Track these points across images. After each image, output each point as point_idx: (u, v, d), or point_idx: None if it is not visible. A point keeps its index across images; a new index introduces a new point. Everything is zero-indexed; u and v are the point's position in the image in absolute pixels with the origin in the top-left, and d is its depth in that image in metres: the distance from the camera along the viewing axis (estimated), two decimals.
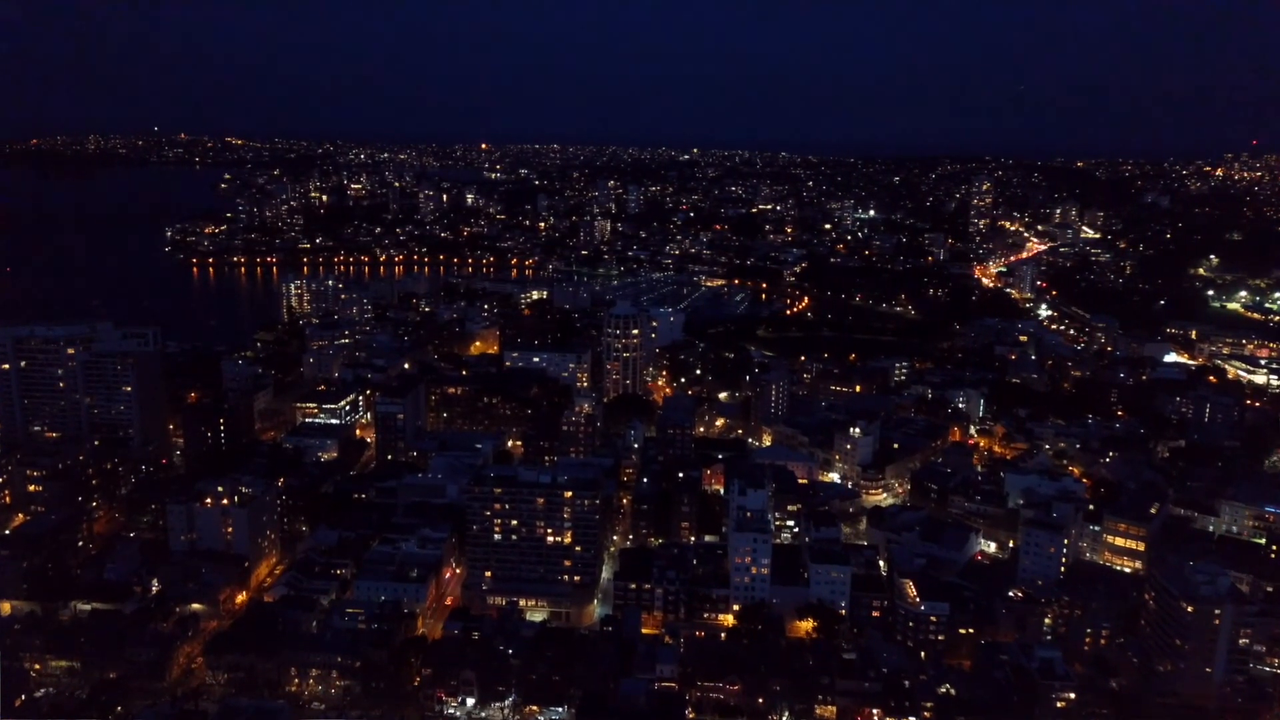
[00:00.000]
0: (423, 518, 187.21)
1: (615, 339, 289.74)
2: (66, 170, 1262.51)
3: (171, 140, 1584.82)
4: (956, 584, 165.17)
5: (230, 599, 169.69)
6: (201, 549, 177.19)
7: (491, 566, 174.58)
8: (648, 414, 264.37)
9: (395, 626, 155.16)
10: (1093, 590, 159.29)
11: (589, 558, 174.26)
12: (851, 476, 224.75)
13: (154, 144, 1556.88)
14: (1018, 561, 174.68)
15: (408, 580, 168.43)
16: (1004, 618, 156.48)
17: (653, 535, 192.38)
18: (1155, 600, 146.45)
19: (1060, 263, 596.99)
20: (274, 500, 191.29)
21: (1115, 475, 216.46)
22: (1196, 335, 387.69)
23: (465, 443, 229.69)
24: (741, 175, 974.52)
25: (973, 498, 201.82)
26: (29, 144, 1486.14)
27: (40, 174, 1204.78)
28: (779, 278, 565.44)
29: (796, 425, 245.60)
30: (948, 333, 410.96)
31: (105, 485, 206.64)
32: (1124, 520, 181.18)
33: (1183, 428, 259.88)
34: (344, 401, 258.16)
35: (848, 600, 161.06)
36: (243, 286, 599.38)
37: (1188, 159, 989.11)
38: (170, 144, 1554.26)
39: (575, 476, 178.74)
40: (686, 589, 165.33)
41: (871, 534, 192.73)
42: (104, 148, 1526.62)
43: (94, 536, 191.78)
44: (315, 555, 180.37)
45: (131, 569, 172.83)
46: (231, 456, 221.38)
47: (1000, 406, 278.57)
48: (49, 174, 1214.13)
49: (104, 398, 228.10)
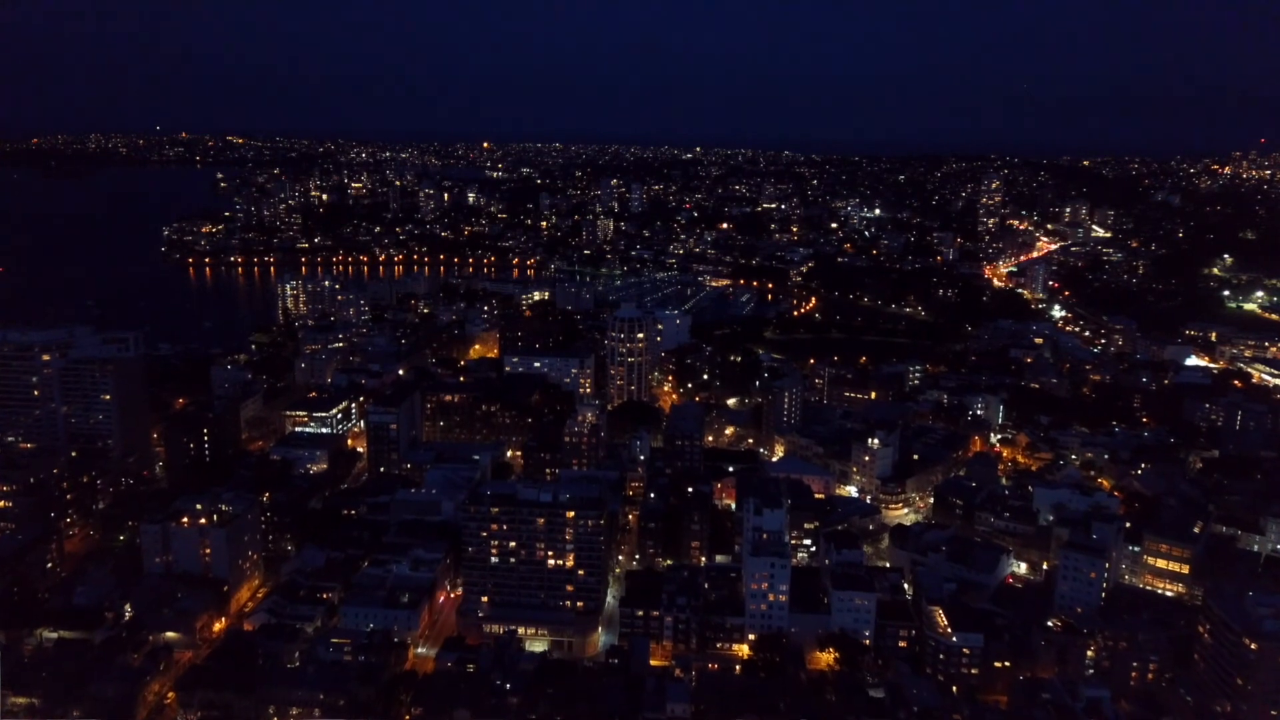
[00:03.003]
0: (416, 537, 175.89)
1: (620, 343, 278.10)
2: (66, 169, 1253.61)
3: (173, 139, 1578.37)
4: (989, 611, 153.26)
5: (207, 626, 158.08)
6: (178, 572, 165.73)
7: (488, 591, 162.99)
8: (654, 422, 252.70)
9: (384, 658, 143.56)
10: (1137, 619, 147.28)
11: (593, 582, 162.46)
12: (870, 490, 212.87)
13: (155, 143, 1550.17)
14: (1053, 585, 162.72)
15: (399, 606, 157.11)
16: (1043, 650, 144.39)
17: (661, 556, 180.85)
18: (1211, 634, 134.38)
19: (1072, 262, 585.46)
20: (257, 518, 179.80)
21: (1150, 489, 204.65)
22: (1216, 337, 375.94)
23: (462, 454, 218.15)
24: (745, 174, 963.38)
25: (1001, 514, 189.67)
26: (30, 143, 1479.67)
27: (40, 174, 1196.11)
28: (785, 278, 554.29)
29: (811, 435, 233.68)
30: (960, 335, 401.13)
31: (80, 500, 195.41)
32: (1166, 541, 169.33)
33: (1214, 436, 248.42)
34: (335, 410, 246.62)
35: (872, 629, 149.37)
36: (240, 287, 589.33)
37: (1195, 157, 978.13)
38: (171, 143, 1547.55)
39: (578, 494, 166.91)
40: (698, 617, 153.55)
41: (895, 554, 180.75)
42: (104, 147, 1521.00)
43: (65, 557, 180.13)
44: (300, 577, 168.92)
45: (103, 593, 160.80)
46: (216, 469, 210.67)
47: (1020, 413, 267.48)
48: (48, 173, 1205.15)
49: (82, 407, 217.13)
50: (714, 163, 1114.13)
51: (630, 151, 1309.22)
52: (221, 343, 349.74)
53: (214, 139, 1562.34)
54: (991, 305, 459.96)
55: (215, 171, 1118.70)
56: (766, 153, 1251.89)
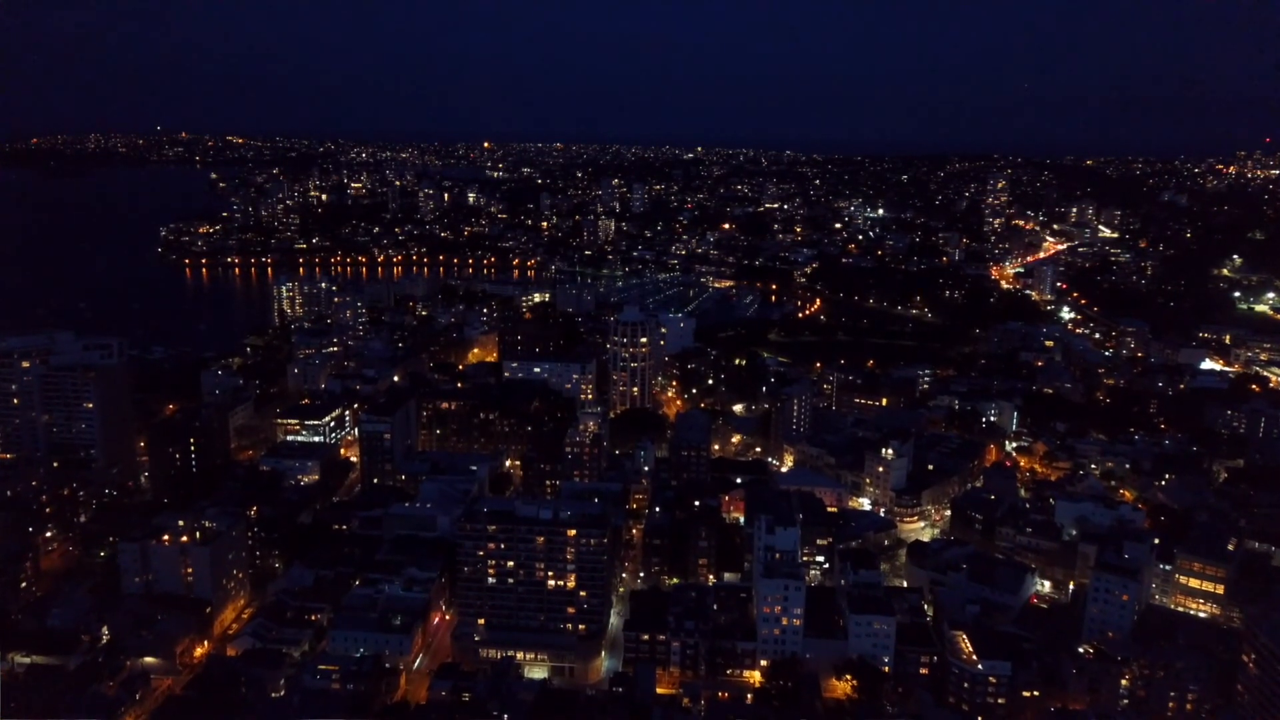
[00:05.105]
0: (410, 554, 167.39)
1: (622, 348, 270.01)
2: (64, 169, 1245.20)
3: (172, 139, 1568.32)
4: (1015, 635, 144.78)
5: (188, 651, 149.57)
6: (158, 592, 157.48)
7: (485, 613, 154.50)
8: (658, 430, 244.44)
9: (374, 687, 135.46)
10: (1173, 644, 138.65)
11: (595, 604, 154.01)
12: (884, 503, 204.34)
13: (154, 143, 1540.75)
14: (1080, 606, 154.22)
15: (391, 629, 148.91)
16: (1074, 679, 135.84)
17: (667, 574, 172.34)
18: (1256, 663, 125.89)
19: (1080, 263, 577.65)
20: (243, 535, 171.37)
21: (1176, 502, 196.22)
22: (1231, 340, 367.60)
23: (459, 465, 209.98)
24: (747, 174, 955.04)
25: (1023, 529, 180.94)
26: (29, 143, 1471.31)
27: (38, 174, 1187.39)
28: (789, 279, 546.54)
29: (822, 444, 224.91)
30: (968, 337, 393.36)
31: (61, 514, 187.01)
32: (1199, 559, 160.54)
33: (1237, 444, 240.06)
34: (328, 417, 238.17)
35: (892, 655, 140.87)
36: (237, 288, 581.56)
37: (1199, 157, 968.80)
38: (171, 143, 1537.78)
39: (579, 511, 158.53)
40: (707, 641, 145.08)
41: (913, 573, 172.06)
42: (104, 147, 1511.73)
43: (42, 574, 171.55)
44: (288, 597, 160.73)
45: (79, 615, 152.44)
46: (203, 480, 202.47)
47: (1034, 419, 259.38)
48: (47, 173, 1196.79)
49: (63, 415, 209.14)
50: (716, 162, 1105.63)
51: (631, 151, 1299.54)
52: (215, 345, 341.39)
53: (214, 139, 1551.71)
54: (999, 307, 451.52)
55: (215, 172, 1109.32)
56: (768, 152, 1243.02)
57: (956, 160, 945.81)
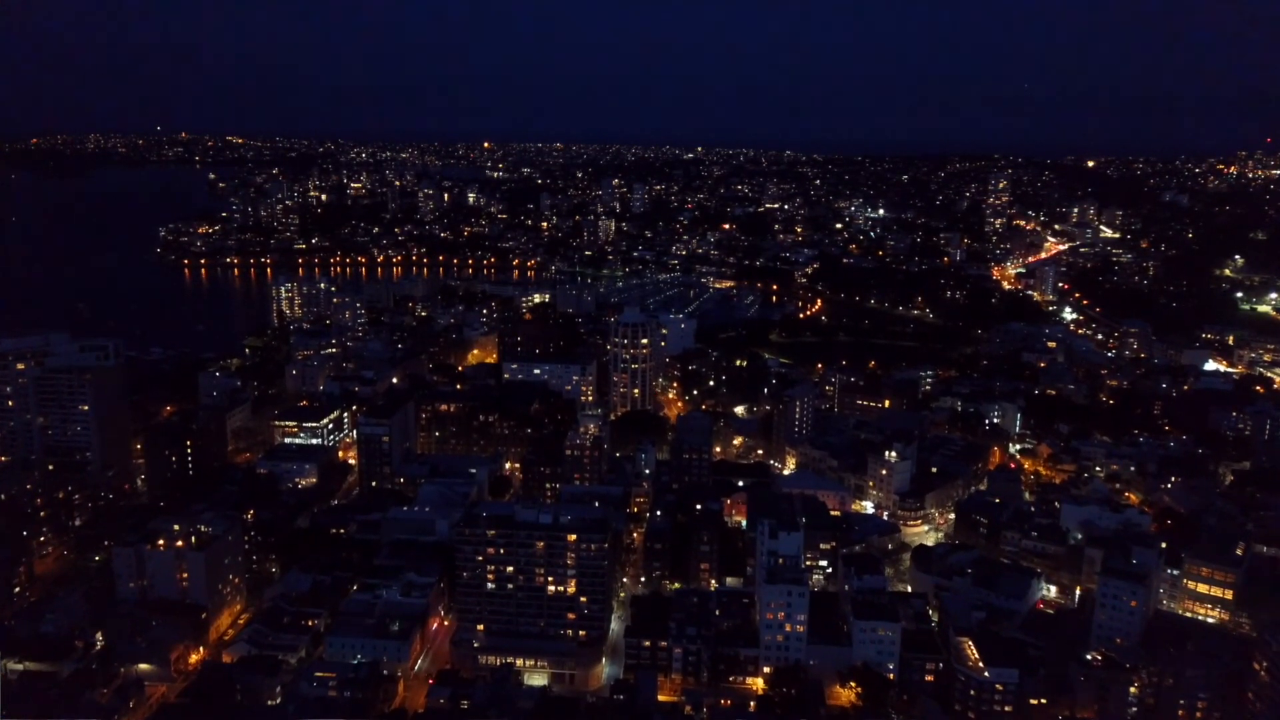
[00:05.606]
0: (408, 558, 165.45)
1: (623, 349, 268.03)
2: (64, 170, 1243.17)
3: (172, 139, 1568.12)
4: (1021, 641, 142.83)
5: (183, 658, 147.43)
6: (153, 598, 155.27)
7: (484, 619, 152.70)
8: (659, 432, 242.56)
9: (372, 694, 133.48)
10: (1182, 651, 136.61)
11: (596, 610, 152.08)
12: (888, 506, 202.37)
13: (154, 143, 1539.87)
14: (1088, 612, 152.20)
15: (388, 635, 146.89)
16: (1082, 686, 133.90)
17: (668, 578, 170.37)
18: (1269, 671, 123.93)
19: (1081, 263, 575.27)
20: (239, 539, 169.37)
21: (1182, 505, 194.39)
22: (1234, 341, 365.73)
23: (458, 467, 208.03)
24: (748, 174, 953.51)
25: (1028, 533, 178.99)
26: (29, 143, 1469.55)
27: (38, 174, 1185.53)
28: (790, 279, 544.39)
29: (824, 447, 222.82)
30: (970, 338, 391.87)
31: (55, 517, 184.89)
32: (1208, 564, 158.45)
33: (1243, 447, 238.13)
34: (327, 419, 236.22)
35: (897, 662, 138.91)
36: (236, 289, 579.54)
37: (1199, 157, 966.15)
38: (170, 143, 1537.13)
39: (580, 515, 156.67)
40: (709, 648, 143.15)
41: (917, 577, 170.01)
42: (104, 147, 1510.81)
43: (35, 579, 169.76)
44: (284, 603, 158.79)
45: (74, 620, 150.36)
46: (200, 483, 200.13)
47: (1038, 421, 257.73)
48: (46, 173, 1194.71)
49: (59, 418, 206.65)
50: (716, 162, 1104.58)
51: (631, 151, 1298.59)
52: (214, 346, 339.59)
53: (213, 139, 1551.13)
54: (1001, 307, 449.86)
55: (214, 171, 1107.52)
56: (769, 152, 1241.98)
57: (957, 160, 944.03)
